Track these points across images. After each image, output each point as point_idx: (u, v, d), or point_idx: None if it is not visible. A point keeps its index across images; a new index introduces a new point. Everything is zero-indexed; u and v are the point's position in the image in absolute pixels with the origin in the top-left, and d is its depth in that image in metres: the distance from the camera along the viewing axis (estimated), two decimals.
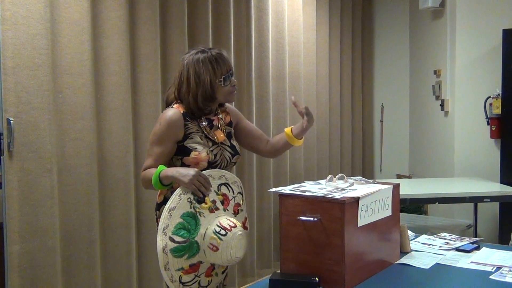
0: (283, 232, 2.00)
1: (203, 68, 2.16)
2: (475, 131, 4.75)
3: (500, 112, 4.52)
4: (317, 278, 1.86)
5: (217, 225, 2.02)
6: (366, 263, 2.01)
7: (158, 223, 2.23)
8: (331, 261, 1.88)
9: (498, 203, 4.48)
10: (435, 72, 5.18)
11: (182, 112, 2.19)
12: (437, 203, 4.12)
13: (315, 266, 1.91)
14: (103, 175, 3.08)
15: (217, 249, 1.99)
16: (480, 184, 4.23)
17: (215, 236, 1.99)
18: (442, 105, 4.98)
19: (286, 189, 2.05)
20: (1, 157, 2.61)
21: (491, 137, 4.66)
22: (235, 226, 2.03)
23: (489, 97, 4.64)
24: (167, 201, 2.18)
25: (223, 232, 1.99)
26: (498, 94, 4.54)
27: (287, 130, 2.36)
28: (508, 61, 4.46)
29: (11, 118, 2.60)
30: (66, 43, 2.86)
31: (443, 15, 5.02)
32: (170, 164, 2.21)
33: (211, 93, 2.17)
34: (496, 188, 4.16)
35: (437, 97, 5.14)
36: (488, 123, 4.65)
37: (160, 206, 2.24)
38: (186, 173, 2.03)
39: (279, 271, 2.01)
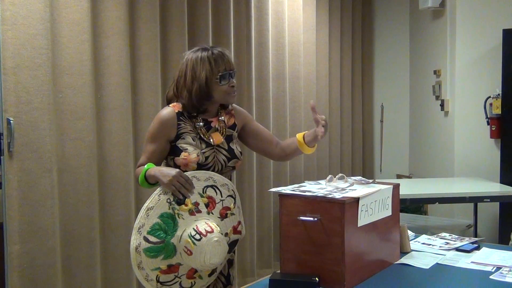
0: (283, 232, 2.00)
1: (201, 64, 2.12)
2: (475, 131, 4.75)
3: (500, 112, 4.52)
4: (317, 278, 1.86)
5: (193, 228, 1.97)
6: (366, 263, 2.01)
7: None
8: (331, 261, 1.88)
9: (498, 203, 4.48)
10: (435, 72, 5.18)
11: (177, 111, 2.16)
12: (437, 203, 4.12)
13: (315, 266, 1.91)
14: (103, 175, 3.08)
15: (191, 253, 1.95)
16: (480, 184, 4.23)
17: (189, 240, 1.95)
18: (442, 105, 4.98)
19: (286, 189, 2.05)
20: (1, 157, 2.61)
21: (491, 137, 4.66)
22: (212, 232, 1.97)
23: (489, 97, 4.64)
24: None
25: (198, 236, 1.95)
26: (498, 94, 4.54)
27: (299, 136, 2.28)
28: (508, 61, 4.46)
29: (11, 118, 2.60)
30: (66, 43, 2.86)
31: (443, 15, 5.02)
32: (166, 163, 2.19)
33: (206, 90, 2.13)
34: (496, 188, 4.15)
35: (437, 97, 5.14)
36: (488, 123, 4.65)
37: None
38: (166, 173, 1.99)
39: (279, 271, 2.01)
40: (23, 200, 2.65)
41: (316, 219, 1.89)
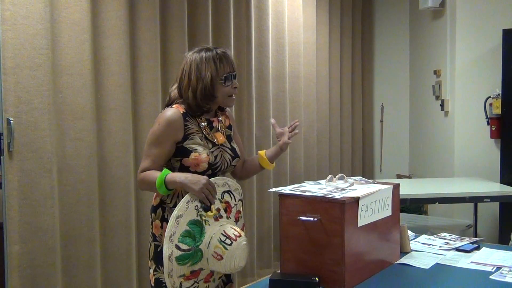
0: (283, 232, 2.00)
1: (206, 64, 2.12)
2: (475, 131, 4.75)
3: (500, 112, 4.52)
4: (317, 278, 1.86)
5: (222, 234, 2.00)
6: (366, 263, 2.01)
7: (152, 226, 2.21)
8: (331, 261, 1.88)
9: (498, 203, 4.48)
10: (435, 72, 5.18)
11: (182, 112, 2.15)
12: (437, 203, 4.12)
13: (315, 266, 1.91)
14: (103, 175, 3.08)
15: (222, 258, 1.98)
16: (480, 184, 4.23)
17: (220, 245, 1.98)
18: (442, 105, 4.98)
19: (286, 189, 2.05)
20: (1, 157, 2.61)
21: (491, 137, 4.66)
22: (240, 236, 2.01)
23: (489, 97, 4.64)
24: (165, 205, 2.17)
25: (228, 241, 1.98)
26: (498, 94, 4.54)
27: (261, 151, 2.35)
28: (508, 61, 4.46)
29: (11, 118, 2.60)
30: (66, 43, 2.86)
31: (443, 15, 5.02)
32: (168, 165, 2.18)
33: (210, 90, 2.13)
34: (496, 188, 4.15)
35: (437, 97, 5.14)
36: (488, 123, 4.66)
37: (156, 208, 2.20)
38: (196, 180, 2.01)
39: (279, 271, 2.01)
40: (23, 200, 2.65)
41: (316, 219, 1.89)
